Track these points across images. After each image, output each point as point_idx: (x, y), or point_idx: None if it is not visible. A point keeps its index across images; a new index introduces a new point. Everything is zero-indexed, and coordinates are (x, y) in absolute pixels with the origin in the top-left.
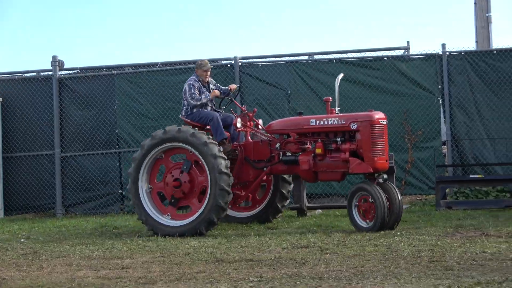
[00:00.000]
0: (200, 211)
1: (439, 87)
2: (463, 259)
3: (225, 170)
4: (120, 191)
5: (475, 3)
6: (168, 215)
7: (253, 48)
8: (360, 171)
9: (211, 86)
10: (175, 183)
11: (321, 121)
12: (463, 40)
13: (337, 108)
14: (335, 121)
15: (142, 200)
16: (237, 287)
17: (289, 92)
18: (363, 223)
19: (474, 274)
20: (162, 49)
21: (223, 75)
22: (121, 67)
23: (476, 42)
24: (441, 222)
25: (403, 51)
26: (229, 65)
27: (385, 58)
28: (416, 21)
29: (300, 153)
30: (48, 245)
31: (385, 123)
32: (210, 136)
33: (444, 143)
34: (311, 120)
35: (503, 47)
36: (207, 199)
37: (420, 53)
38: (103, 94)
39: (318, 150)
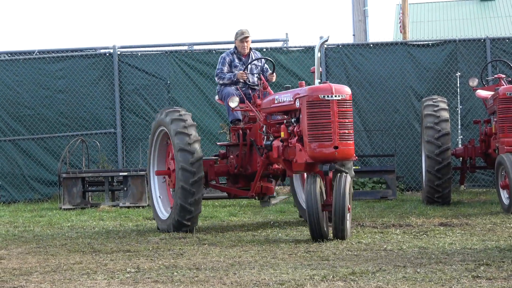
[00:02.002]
0: (172, 210)
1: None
2: (339, 250)
3: (186, 166)
4: None
5: None
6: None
7: (132, 37)
8: (300, 160)
9: (254, 62)
10: (167, 172)
11: (280, 98)
12: (342, 33)
13: (316, 81)
14: (286, 97)
15: (151, 184)
16: (114, 278)
17: (168, 82)
18: None
19: (349, 264)
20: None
21: (102, 64)
22: None
23: (353, 35)
24: None
25: (282, 43)
26: (107, 54)
27: (264, 50)
28: (296, 14)
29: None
30: None
31: (331, 98)
32: (186, 121)
33: None
34: (276, 97)
35: (379, 40)
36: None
37: (299, 45)
38: None
39: (282, 134)
